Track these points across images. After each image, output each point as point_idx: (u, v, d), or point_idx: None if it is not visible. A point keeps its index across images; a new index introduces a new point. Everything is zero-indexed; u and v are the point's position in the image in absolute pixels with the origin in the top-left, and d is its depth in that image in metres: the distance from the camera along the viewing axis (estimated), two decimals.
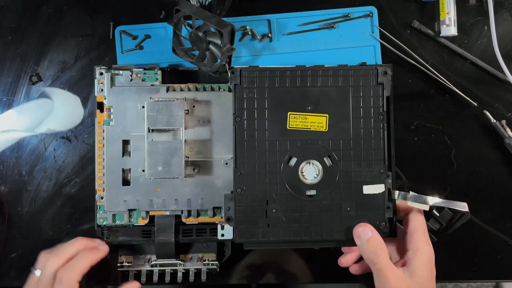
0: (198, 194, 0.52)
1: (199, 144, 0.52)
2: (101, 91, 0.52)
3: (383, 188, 0.49)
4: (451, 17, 0.56)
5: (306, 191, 0.49)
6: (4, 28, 0.57)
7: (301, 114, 0.49)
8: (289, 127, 0.49)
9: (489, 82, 0.56)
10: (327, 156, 0.49)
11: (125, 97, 0.52)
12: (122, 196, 0.51)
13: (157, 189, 0.52)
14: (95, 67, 0.52)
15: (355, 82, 0.50)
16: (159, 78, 0.52)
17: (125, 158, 0.52)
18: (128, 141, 0.52)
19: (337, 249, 0.53)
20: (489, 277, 0.56)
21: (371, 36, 0.56)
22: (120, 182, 0.52)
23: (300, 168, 0.49)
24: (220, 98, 0.52)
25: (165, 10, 0.57)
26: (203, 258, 0.53)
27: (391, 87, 0.50)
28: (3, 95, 0.57)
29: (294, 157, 0.49)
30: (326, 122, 0.49)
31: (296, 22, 0.56)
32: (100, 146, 0.52)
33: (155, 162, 0.50)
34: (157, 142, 0.50)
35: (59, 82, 0.57)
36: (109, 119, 0.52)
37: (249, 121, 0.49)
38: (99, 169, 0.52)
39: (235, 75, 0.49)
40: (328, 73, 0.50)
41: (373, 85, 0.50)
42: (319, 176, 0.49)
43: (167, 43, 0.56)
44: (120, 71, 0.52)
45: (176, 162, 0.50)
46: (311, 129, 0.49)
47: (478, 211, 0.55)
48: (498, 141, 0.55)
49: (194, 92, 0.52)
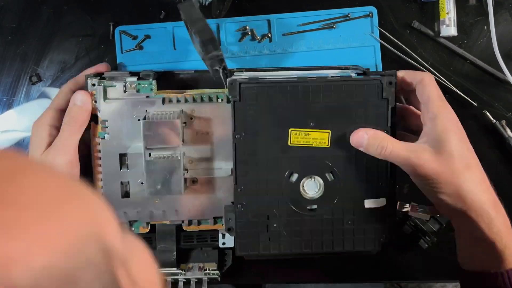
0: (199, 205, 0.51)
1: (198, 157, 0.51)
2: (95, 102, 0.49)
3: (384, 202, 0.49)
4: (451, 17, 0.56)
5: (307, 206, 0.49)
6: (4, 28, 0.57)
7: (303, 130, 0.48)
8: (290, 144, 0.48)
9: (489, 82, 0.56)
10: (328, 172, 0.49)
11: (119, 111, 0.50)
12: (122, 208, 0.50)
13: (157, 202, 0.51)
14: (86, 77, 0.49)
15: (358, 97, 0.48)
16: (154, 88, 0.50)
17: (123, 171, 0.50)
18: (125, 154, 0.50)
19: None
20: None
21: (371, 36, 0.56)
22: (119, 194, 0.50)
23: (301, 183, 0.49)
24: (219, 110, 0.50)
25: (165, 10, 0.57)
26: (204, 268, 0.53)
27: (395, 97, 0.48)
28: (3, 95, 0.57)
29: (295, 173, 0.48)
30: (329, 138, 0.48)
31: (296, 22, 0.56)
32: (98, 160, 0.50)
33: (154, 181, 0.48)
34: (155, 161, 0.48)
35: (59, 82, 0.57)
36: (105, 133, 0.50)
37: (250, 137, 0.48)
38: (98, 183, 0.51)
39: (234, 89, 0.47)
40: (331, 88, 0.48)
41: (377, 100, 0.48)
42: (320, 191, 0.49)
43: (167, 43, 0.56)
44: (113, 83, 0.49)
45: (175, 180, 0.48)
46: (313, 145, 0.48)
47: None
48: (498, 141, 0.55)
49: (191, 104, 0.50)
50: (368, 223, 0.49)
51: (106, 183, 0.51)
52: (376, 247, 0.49)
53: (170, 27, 0.56)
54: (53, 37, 0.57)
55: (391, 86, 0.47)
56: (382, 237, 0.49)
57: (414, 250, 0.55)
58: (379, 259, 0.54)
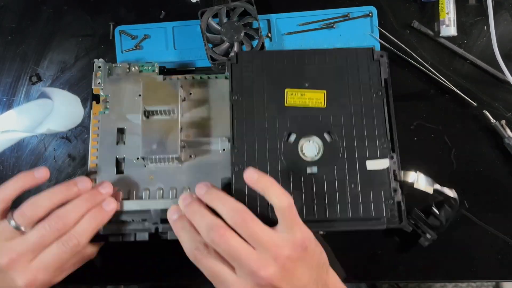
0: (195, 182, 0.48)
1: (195, 129, 0.51)
2: (98, 83, 0.52)
3: (387, 163, 0.48)
4: (451, 17, 0.56)
5: (307, 168, 0.48)
6: (4, 28, 0.57)
7: (299, 90, 0.49)
8: (287, 104, 0.49)
9: (489, 82, 0.56)
10: (326, 132, 0.49)
11: (121, 86, 0.52)
12: (115, 185, 0.49)
13: (152, 177, 0.50)
14: (95, 60, 0.52)
15: (351, 61, 0.50)
16: (156, 70, 0.52)
17: (120, 146, 0.51)
18: (123, 129, 0.51)
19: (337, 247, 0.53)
20: (489, 277, 0.56)
21: (371, 36, 0.56)
22: (113, 170, 0.50)
23: (300, 146, 0.48)
24: (216, 84, 0.52)
25: (165, 10, 0.57)
26: None
27: (389, 74, 0.50)
28: (3, 95, 0.57)
29: (293, 133, 0.48)
30: (325, 98, 0.49)
31: (296, 22, 0.57)
32: (95, 137, 0.51)
33: (150, 140, 0.48)
34: (152, 121, 0.49)
35: (59, 82, 0.57)
36: (105, 109, 0.51)
37: (246, 98, 0.49)
38: (92, 160, 0.50)
39: (232, 57, 0.50)
40: (325, 53, 0.50)
41: (369, 62, 0.50)
42: (320, 152, 0.48)
43: (167, 43, 0.56)
44: (118, 64, 0.52)
45: (171, 140, 0.48)
46: (310, 105, 0.49)
47: (478, 211, 0.55)
48: (498, 141, 0.55)
49: (191, 81, 0.52)
50: (373, 186, 0.47)
51: (101, 158, 0.50)
52: (384, 214, 0.47)
53: (170, 27, 0.56)
54: (53, 37, 0.57)
55: (383, 58, 0.50)
56: (389, 201, 0.47)
57: (414, 249, 0.55)
58: (379, 259, 0.54)
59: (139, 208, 0.48)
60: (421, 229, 0.52)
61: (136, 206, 0.48)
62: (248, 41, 0.54)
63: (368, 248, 0.55)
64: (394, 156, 0.49)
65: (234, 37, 0.54)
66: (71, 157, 0.56)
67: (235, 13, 0.55)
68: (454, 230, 0.54)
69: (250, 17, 0.55)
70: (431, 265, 0.55)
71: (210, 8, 0.54)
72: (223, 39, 0.54)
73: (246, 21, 0.55)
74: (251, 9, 0.54)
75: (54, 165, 0.56)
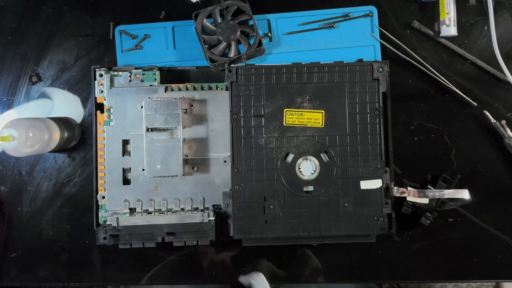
0: (198, 192, 0.52)
1: (197, 143, 0.53)
2: (101, 92, 0.53)
3: (380, 183, 0.49)
4: (451, 17, 0.56)
5: (304, 187, 0.50)
6: (4, 28, 0.57)
7: (297, 110, 0.50)
8: (285, 124, 0.50)
9: (489, 82, 0.56)
10: (323, 152, 0.50)
11: (124, 98, 0.53)
12: (123, 195, 0.52)
13: (157, 188, 0.52)
14: (93, 68, 0.53)
15: (350, 78, 0.50)
16: (158, 78, 0.53)
17: (125, 158, 0.52)
18: (128, 141, 0.52)
19: (337, 247, 0.53)
20: (489, 277, 0.56)
21: (371, 36, 0.56)
22: (120, 181, 0.52)
23: (297, 164, 0.50)
24: (217, 97, 0.53)
25: (165, 10, 0.57)
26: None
27: (388, 84, 0.50)
28: (3, 95, 0.57)
29: (291, 153, 0.50)
30: (323, 118, 0.50)
31: (296, 22, 0.56)
32: (101, 147, 0.52)
33: (154, 160, 0.50)
34: (155, 141, 0.50)
35: (59, 82, 0.57)
36: (109, 120, 0.52)
37: (246, 118, 0.50)
38: (100, 169, 0.52)
39: (231, 74, 0.50)
40: (324, 69, 0.50)
41: (368, 80, 0.50)
42: (316, 172, 0.50)
43: (167, 43, 0.56)
44: (119, 72, 0.53)
45: (174, 160, 0.50)
46: (308, 125, 0.50)
47: (478, 211, 0.55)
48: (498, 141, 0.55)
49: (192, 92, 0.53)
50: (366, 205, 0.49)
51: (108, 169, 0.52)
52: (375, 231, 0.50)
53: (170, 27, 0.56)
54: (53, 37, 0.57)
55: (383, 71, 0.50)
56: (379, 220, 0.49)
57: (415, 249, 0.55)
58: (379, 259, 0.54)
59: (145, 223, 0.50)
60: (420, 209, 0.52)
61: (142, 221, 0.50)
62: (245, 39, 0.54)
63: (368, 248, 0.55)
64: (388, 171, 0.50)
65: (230, 37, 0.54)
66: (71, 157, 0.56)
67: (229, 12, 0.55)
68: (454, 230, 0.55)
69: (245, 14, 0.55)
70: (431, 265, 0.55)
71: (204, 10, 0.54)
72: (219, 40, 0.54)
73: (241, 19, 0.55)
74: (245, 7, 0.54)
75: (54, 165, 0.56)
